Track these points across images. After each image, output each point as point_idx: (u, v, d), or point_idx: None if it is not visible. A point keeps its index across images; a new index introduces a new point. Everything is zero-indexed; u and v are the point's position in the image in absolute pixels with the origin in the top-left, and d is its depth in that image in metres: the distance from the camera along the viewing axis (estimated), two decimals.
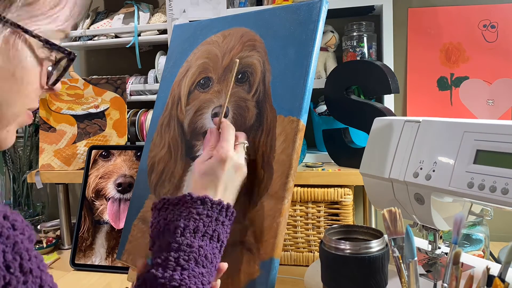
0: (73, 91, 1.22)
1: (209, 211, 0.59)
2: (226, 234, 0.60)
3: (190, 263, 0.54)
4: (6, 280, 0.34)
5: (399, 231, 0.60)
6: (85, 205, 1.11)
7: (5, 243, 0.35)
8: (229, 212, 0.61)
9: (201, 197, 0.60)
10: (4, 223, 0.36)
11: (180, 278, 0.53)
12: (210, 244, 0.57)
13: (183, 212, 0.59)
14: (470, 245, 0.89)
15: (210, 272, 0.56)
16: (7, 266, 0.34)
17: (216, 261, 0.58)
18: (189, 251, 0.55)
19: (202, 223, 0.58)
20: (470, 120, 0.65)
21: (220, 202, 0.60)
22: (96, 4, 1.46)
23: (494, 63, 1.17)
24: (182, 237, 0.57)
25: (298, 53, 0.68)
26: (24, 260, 0.36)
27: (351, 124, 1.05)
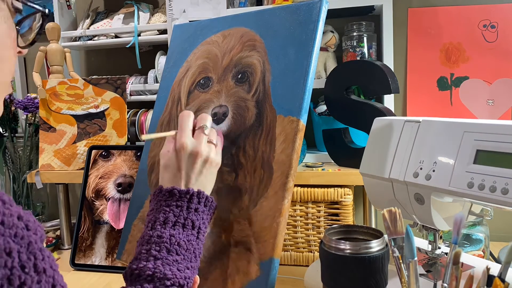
0: (73, 91, 1.22)
1: (178, 201, 0.60)
2: (203, 220, 0.61)
3: (162, 252, 0.55)
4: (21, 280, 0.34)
5: (399, 231, 0.60)
6: (85, 205, 1.11)
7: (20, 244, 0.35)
8: (201, 198, 0.61)
9: (169, 189, 0.61)
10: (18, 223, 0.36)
11: (154, 266, 0.54)
12: (183, 232, 0.58)
13: (155, 206, 0.61)
14: (470, 245, 0.89)
15: (186, 258, 0.57)
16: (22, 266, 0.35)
17: (194, 248, 0.58)
18: (159, 241, 0.56)
19: (172, 213, 0.59)
20: (470, 120, 0.65)
21: (189, 190, 0.61)
22: (96, 4, 1.46)
23: (494, 63, 1.17)
24: (152, 230, 0.58)
25: (298, 53, 0.68)
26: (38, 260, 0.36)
27: (351, 124, 1.05)
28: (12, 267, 0.34)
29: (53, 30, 1.26)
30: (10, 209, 0.36)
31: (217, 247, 0.70)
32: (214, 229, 0.71)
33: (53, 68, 1.28)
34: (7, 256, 0.34)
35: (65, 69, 1.32)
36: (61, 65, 1.30)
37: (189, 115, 0.66)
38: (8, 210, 0.36)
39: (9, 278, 0.33)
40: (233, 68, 0.75)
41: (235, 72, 0.75)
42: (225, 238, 0.70)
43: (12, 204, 0.37)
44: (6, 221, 0.35)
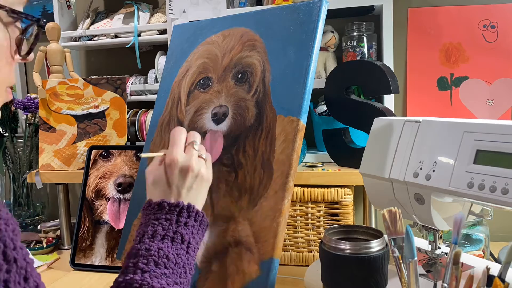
0: (73, 91, 1.22)
1: (167, 214, 0.58)
2: (192, 235, 0.59)
3: (150, 265, 0.54)
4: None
5: (399, 231, 0.60)
6: (85, 205, 1.11)
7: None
8: (192, 212, 0.60)
9: (158, 202, 0.60)
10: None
11: (141, 279, 0.52)
12: (172, 246, 0.56)
13: (144, 220, 0.60)
14: (470, 245, 0.89)
15: (175, 272, 0.55)
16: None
17: (184, 262, 0.56)
18: (147, 254, 0.55)
19: (161, 227, 0.57)
20: (470, 120, 0.65)
21: (179, 204, 0.59)
22: (96, 4, 1.46)
23: (494, 63, 1.17)
24: (140, 243, 0.56)
25: (298, 53, 0.68)
26: (8, 248, 0.35)
27: (351, 124, 1.05)
28: None
29: (53, 30, 1.26)
30: None
31: (217, 247, 0.70)
32: (214, 229, 0.71)
33: (53, 68, 1.28)
34: None
35: (65, 69, 1.32)
36: (61, 65, 1.30)
37: (181, 131, 0.65)
38: None
39: None
40: (233, 68, 0.75)
41: (235, 72, 0.75)
42: (225, 238, 0.70)
43: None
44: None
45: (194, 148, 0.64)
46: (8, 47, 0.46)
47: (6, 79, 0.47)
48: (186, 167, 0.61)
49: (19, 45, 0.47)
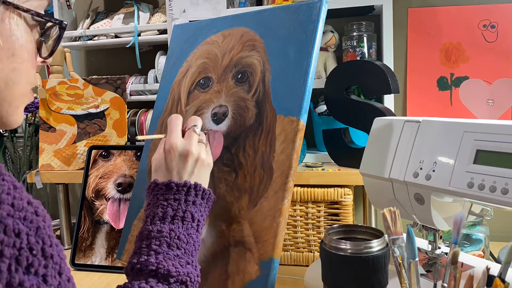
0: (73, 91, 1.22)
1: (176, 194, 0.59)
2: (201, 213, 0.60)
3: (163, 247, 0.55)
4: (29, 261, 0.35)
5: (399, 231, 0.60)
6: (85, 205, 1.11)
7: (29, 227, 0.36)
8: (199, 191, 0.61)
9: (165, 182, 0.60)
10: (28, 208, 0.37)
11: (156, 261, 0.53)
12: (183, 226, 0.58)
13: (152, 200, 0.61)
14: (470, 245, 0.89)
15: (187, 252, 0.56)
16: (30, 248, 0.36)
17: (194, 241, 0.58)
18: (159, 236, 0.56)
19: (170, 207, 0.58)
20: (470, 120, 0.65)
21: (186, 183, 0.60)
22: (96, 4, 1.46)
23: (494, 63, 1.17)
24: (152, 225, 0.58)
25: (298, 53, 0.68)
26: (46, 245, 0.37)
27: (351, 124, 1.05)
28: (21, 248, 0.35)
29: None
30: (21, 194, 0.37)
31: (217, 247, 0.70)
32: (214, 229, 0.71)
33: (53, 68, 1.28)
34: (16, 237, 0.35)
35: (65, 69, 1.32)
36: (61, 65, 1.30)
37: (177, 117, 0.66)
38: (18, 194, 0.37)
39: (17, 258, 0.34)
40: (233, 68, 0.75)
41: (235, 72, 0.75)
42: (225, 238, 0.70)
43: (23, 190, 0.38)
44: (16, 204, 0.36)
45: (195, 132, 0.64)
46: (33, 50, 0.48)
47: (32, 81, 0.49)
48: (186, 152, 0.62)
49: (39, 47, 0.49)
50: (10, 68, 0.45)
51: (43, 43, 0.49)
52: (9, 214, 0.35)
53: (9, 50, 0.44)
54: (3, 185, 0.36)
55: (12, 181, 0.38)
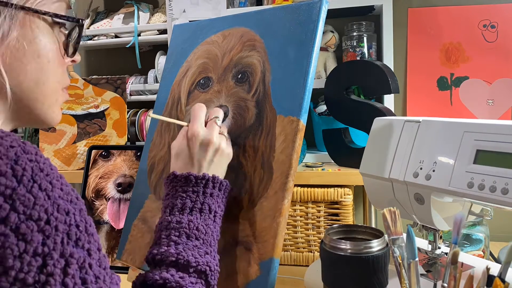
0: (73, 91, 1.22)
1: (194, 186, 0.61)
2: (218, 204, 0.62)
3: (182, 238, 0.57)
4: (77, 236, 0.41)
5: (399, 231, 0.60)
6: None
7: (74, 208, 0.42)
8: (216, 183, 0.62)
9: (185, 175, 0.62)
10: (73, 193, 0.43)
11: (176, 252, 0.55)
12: (201, 217, 0.60)
13: (171, 191, 0.62)
14: (470, 245, 0.89)
15: (206, 242, 0.58)
16: (77, 225, 0.41)
17: (212, 231, 0.60)
18: (178, 227, 0.58)
19: (189, 199, 0.60)
20: (470, 120, 0.65)
21: (204, 176, 0.62)
22: (96, 4, 1.46)
23: (494, 63, 1.17)
24: (171, 216, 0.60)
25: (298, 53, 0.68)
26: (87, 224, 0.43)
27: (351, 124, 1.05)
28: (70, 224, 0.40)
29: None
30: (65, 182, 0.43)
31: (217, 247, 0.70)
32: None
33: None
34: (66, 215, 0.40)
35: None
36: None
37: (201, 107, 0.68)
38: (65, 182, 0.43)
39: (68, 233, 0.40)
40: (233, 68, 0.75)
41: (235, 72, 0.75)
42: (225, 238, 0.70)
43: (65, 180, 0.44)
44: (64, 189, 0.42)
45: (216, 124, 0.66)
46: (57, 50, 0.51)
47: (61, 80, 0.52)
48: (207, 141, 0.63)
49: (66, 48, 0.52)
50: (37, 68, 0.48)
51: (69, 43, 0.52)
52: (60, 196, 0.41)
53: (34, 52, 0.48)
54: (53, 173, 0.42)
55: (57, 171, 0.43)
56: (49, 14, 0.48)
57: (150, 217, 0.79)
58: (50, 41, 0.49)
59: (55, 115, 0.52)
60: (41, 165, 0.41)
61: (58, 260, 0.38)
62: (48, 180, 0.41)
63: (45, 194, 0.40)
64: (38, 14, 0.47)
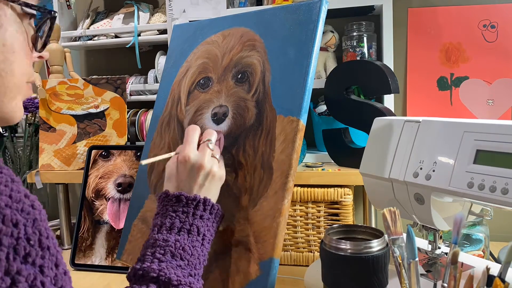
0: (73, 91, 1.22)
1: (185, 207, 0.60)
2: (208, 228, 0.61)
3: (167, 256, 0.56)
4: (26, 250, 0.36)
5: (399, 231, 0.60)
6: (85, 205, 1.11)
7: (26, 218, 0.37)
8: (207, 206, 0.61)
9: (176, 194, 0.61)
10: (25, 200, 0.38)
11: (158, 268, 0.54)
12: (188, 238, 0.59)
13: (161, 210, 0.62)
14: (470, 245, 0.89)
15: (191, 264, 0.57)
16: (28, 238, 0.37)
17: (199, 254, 0.59)
18: (164, 245, 0.57)
19: (178, 219, 0.60)
20: (470, 120, 0.65)
21: (196, 197, 0.61)
22: (96, 4, 1.46)
23: (494, 63, 1.17)
24: (159, 234, 0.59)
25: (298, 53, 0.68)
26: (42, 237, 0.38)
27: (351, 124, 1.05)
28: (18, 237, 0.36)
29: None
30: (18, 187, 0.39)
31: (217, 247, 0.70)
32: None
33: (53, 68, 1.28)
34: (14, 227, 0.36)
35: (65, 69, 1.32)
36: (61, 65, 1.30)
37: (195, 129, 0.67)
38: (16, 187, 0.38)
39: (15, 248, 0.35)
40: (233, 68, 0.75)
41: (235, 72, 0.75)
42: (225, 238, 0.70)
43: (20, 184, 0.40)
44: (14, 196, 0.37)
45: (208, 147, 0.65)
46: (25, 41, 0.48)
47: (26, 73, 0.49)
48: (198, 165, 0.63)
49: (34, 42, 0.49)
50: (1, 58, 0.45)
51: (38, 38, 0.50)
52: (7, 205, 0.36)
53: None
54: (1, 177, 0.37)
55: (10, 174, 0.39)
56: (18, 2, 0.46)
57: (150, 217, 0.79)
58: (18, 31, 0.47)
59: (16, 110, 0.48)
60: None
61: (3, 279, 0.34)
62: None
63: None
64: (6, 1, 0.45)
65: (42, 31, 0.50)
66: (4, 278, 0.34)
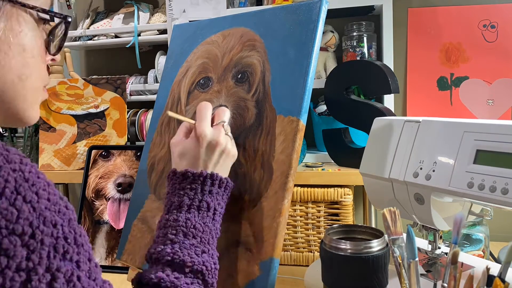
0: (73, 91, 1.22)
1: (192, 183, 0.61)
2: (218, 201, 0.61)
3: (179, 236, 0.57)
4: (64, 249, 0.39)
5: (399, 231, 0.60)
6: (85, 205, 1.11)
7: (62, 219, 0.40)
8: (215, 180, 0.62)
9: (183, 172, 0.62)
10: (61, 202, 0.41)
11: (172, 251, 0.55)
12: (199, 215, 0.59)
13: (170, 189, 0.62)
14: (470, 245, 0.89)
15: (203, 241, 0.58)
16: (65, 237, 0.40)
17: (210, 229, 0.59)
18: (175, 225, 0.58)
19: (186, 197, 0.60)
20: (470, 120, 0.65)
21: (202, 173, 0.61)
22: (96, 4, 1.46)
23: (494, 63, 1.17)
24: (169, 214, 0.60)
25: (298, 53, 0.68)
26: (77, 235, 0.41)
27: (351, 124, 1.05)
28: (57, 237, 0.39)
29: None
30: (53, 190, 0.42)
31: (217, 247, 0.70)
32: None
33: (53, 68, 1.28)
34: (53, 227, 0.39)
35: (65, 69, 1.32)
36: (61, 65, 1.30)
37: (207, 106, 0.67)
38: (52, 190, 0.41)
39: (55, 246, 0.38)
40: (233, 68, 0.75)
41: (235, 72, 0.75)
42: (225, 238, 0.69)
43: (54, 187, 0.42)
44: (52, 199, 0.40)
45: (223, 127, 0.66)
46: (42, 46, 0.49)
47: (43, 76, 0.50)
48: (214, 142, 0.63)
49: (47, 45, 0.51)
50: (22, 63, 0.47)
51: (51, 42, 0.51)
52: (47, 208, 0.39)
53: (20, 46, 0.46)
54: (39, 182, 0.40)
55: (45, 179, 0.41)
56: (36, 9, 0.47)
57: (150, 217, 0.79)
58: (36, 37, 0.48)
59: (34, 113, 0.50)
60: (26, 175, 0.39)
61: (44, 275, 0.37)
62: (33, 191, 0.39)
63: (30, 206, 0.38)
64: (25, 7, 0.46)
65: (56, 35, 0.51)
66: (44, 275, 0.37)
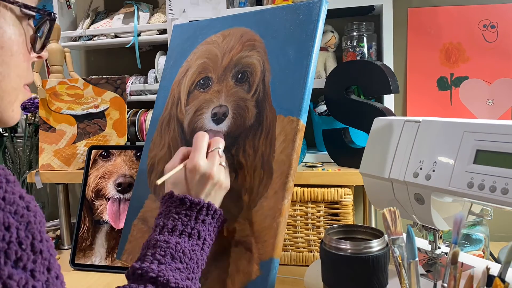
0: (73, 91, 1.22)
1: (188, 210, 0.61)
2: (209, 232, 0.61)
3: (167, 258, 0.56)
4: (17, 255, 0.35)
5: (399, 231, 0.60)
6: (85, 205, 1.11)
7: (19, 221, 0.36)
8: (210, 211, 0.62)
9: (181, 197, 0.61)
10: (19, 202, 0.37)
11: (158, 269, 0.54)
12: (189, 241, 0.59)
13: (164, 211, 0.62)
14: (470, 245, 0.89)
15: (189, 267, 0.57)
16: (20, 242, 0.36)
17: (197, 258, 0.59)
18: (165, 247, 0.57)
19: (180, 222, 0.60)
20: (470, 120, 0.65)
21: (200, 202, 0.61)
22: (96, 4, 1.45)
23: (494, 63, 1.17)
24: (160, 235, 0.59)
25: (298, 53, 0.68)
26: (35, 240, 0.37)
27: (351, 124, 1.05)
28: (10, 241, 0.35)
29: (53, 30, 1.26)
30: (13, 188, 0.37)
31: (217, 247, 0.70)
32: None
33: (53, 68, 1.28)
34: (6, 230, 0.35)
35: (65, 69, 1.32)
36: (61, 65, 1.30)
37: (204, 136, 0.66)
38: (11, 188, 0.37)
39: (6, 252, 0.35)
40: (233, 68, 0.75)
41: (235, 72, 0.75)
42: (225, 238, 0.70)
43: (16, 184, 0.38)
44: (8, 198, 0.36)
45: (218, 154, 0.65)
46: (24, 43, 0.47)
47: (24, 75, 0.48)
48: (207, 174, 0.63)
49: (33, 43, 0.49)
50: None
51: (37, 38, 0.49)
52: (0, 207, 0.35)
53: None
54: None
55: (5, 175, 0.38)
56: (17, 4, 0.45)
57: (150, 217, 0.79)
58: (16, 33, 0.46)
59: (14, 113, 0.48)
60: None
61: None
62: None
63: None
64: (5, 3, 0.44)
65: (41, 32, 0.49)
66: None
